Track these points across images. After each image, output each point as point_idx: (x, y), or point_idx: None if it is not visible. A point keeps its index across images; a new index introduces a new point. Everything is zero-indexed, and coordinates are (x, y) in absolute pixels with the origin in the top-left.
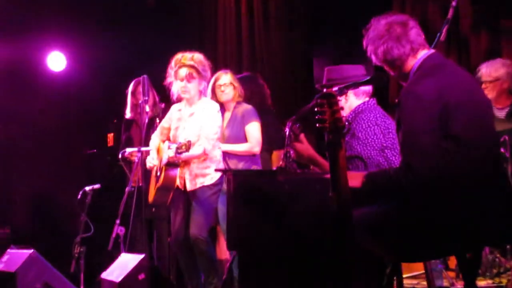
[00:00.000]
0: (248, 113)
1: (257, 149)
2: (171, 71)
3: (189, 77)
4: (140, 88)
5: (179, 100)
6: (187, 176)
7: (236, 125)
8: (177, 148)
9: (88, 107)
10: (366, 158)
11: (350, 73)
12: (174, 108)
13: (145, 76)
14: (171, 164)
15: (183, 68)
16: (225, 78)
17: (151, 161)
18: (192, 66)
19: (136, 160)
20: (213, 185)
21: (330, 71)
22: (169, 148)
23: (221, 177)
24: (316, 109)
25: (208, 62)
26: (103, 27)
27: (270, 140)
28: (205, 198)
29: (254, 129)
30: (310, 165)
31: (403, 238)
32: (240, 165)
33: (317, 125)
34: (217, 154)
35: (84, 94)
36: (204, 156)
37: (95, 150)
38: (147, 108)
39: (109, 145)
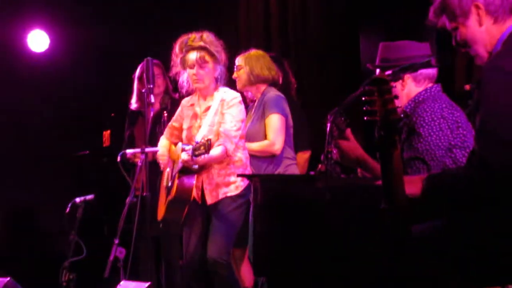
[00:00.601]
0: (269, 102)
1: (276, 147)
2: (176, 59)
3: (201, 62)
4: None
5: (189, 93)
6: (206, 186)
7: (257, 117)
8: (194, 150)
9: (78, 97)
10: (429, 160)
11: (413, 52)
12: (184, 103)
13: (149, 58)
14: (186, 171)
15: (192, 52)
16: (237, 60)
17: (162, 158)
18: (202, 48)
19: (139, 164)
20: (238, 196)
21: (387, 48)
22: (183, 150)
23: (248, 186)
24: (364, 98)
25: (220, 42)
26: None
27: (294, 138)
28: (227, 213)
29: (273, 122)
30: (357, 169)
31: (476, 258)
32: (262, 170)
33: (365, 118)
34: (243, 157)
35: (72, 81)
36: (227, 159)
37: (88, 152)
38: (152, 99)
39: (105, 144)
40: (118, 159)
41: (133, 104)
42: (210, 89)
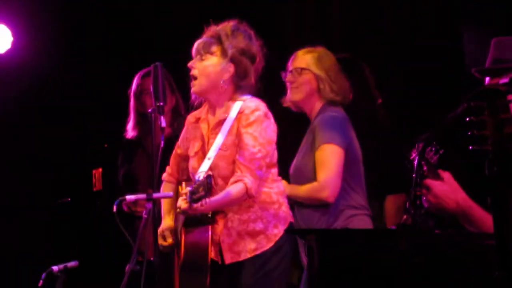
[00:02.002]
0: (320, 126)
1: (326, 193)
2: None
3: (203, 51)
4: (150, 86)
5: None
6: (224, 239)
7: (305, 148)
8: (192, 193)
9: (55, 121)
10: None
11: None
12: (190, 119)
13: (158, 64)
14: (194, 223)
15: (199, 42)
16: (295, 62)
17: (165, 235)
18: (213, 36)
19: (145, 216)
20: (273, 252)
21: (500, 45)
22: (181, 195)
23: (286, 238)
24: (468, 119)
25: (250, 33)
26: None
27: (381, 174)
28: (258, 278)
29: (324, 157)
30: (457, 220)
31: None
32: (313, 222)
33: (471, 147)
34: (272, 192)
35: (47, 96)
36: (249, 199)
37: (69, 199)
38: (163, 122)
39: (95, 189)
40: (114, 208)
41: (129, 131)
42: (216, 96)
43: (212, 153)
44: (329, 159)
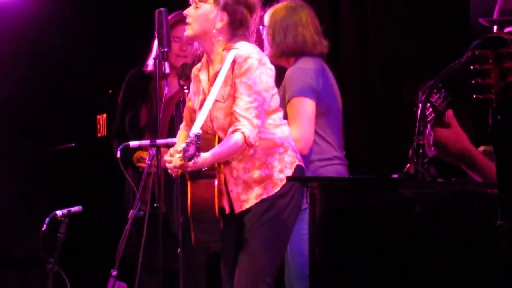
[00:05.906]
0: (287, 80)
1: (299, 146)
2: None
3: None
4: (175, 31)
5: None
6: (232, 188)
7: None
8: (184, 151)
9: (58, 66)
10: None
11: None
12: (194, 71)
13: (163, 10)
14: (199, 176)
15: None
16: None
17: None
18: None
19: (148, 162)
20: (278, 195)
21: None
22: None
23: (293, 183)
24: (472, 67)
25: None
26: None
27: None
28: (264, 220)
29: (294, 111)
30: (461, 167)
31: None
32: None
33: (475, 96)
34: (278, 138)
35: (50, 39)
36: (249, 148)
37: (74, 144)
38: (167, 69)
39: (99, 134)
40: (118, 154)
41: (150, 66)
42: (210, 44)
43: (206, 107)
44: (298, 112)
